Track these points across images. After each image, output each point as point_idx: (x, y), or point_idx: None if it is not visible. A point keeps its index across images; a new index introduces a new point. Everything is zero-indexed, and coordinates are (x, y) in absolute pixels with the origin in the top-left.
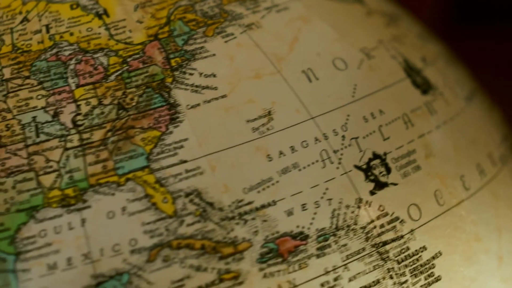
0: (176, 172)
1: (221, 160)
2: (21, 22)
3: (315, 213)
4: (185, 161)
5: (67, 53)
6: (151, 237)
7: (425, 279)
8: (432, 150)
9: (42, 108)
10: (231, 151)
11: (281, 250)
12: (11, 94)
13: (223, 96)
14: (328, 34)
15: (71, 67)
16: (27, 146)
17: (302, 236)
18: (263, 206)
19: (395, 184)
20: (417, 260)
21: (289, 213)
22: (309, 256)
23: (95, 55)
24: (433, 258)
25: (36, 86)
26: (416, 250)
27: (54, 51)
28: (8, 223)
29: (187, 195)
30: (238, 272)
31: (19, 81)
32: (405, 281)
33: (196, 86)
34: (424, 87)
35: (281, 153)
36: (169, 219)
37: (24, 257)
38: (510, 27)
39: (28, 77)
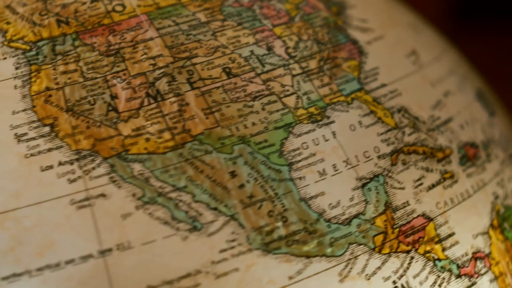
0: (383, 93)
1: (405, 85)
2: None
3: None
4: (385, 85)
5: (246, 0)
6: (388, 145)
7: None
8: None
9: (254, 43)
10: (406, 80)
11: (469, 155)
12: (218, 34)
13: (381, 37)
14: None
15: (258, 11)
16: (258, 74)
17: (475, 145)
18: (446, 121)
19: None
20: None
21: (461, 127)
22: (483, 161)
23: (271, 2)
24: None
25: (237, 26)
26: None
27: None
28: (271, 139)
29: (399, 111)
30: (452, 172)
31: (218, 23)
32: None
33: (360, 28)
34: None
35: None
36: (394, 130)
37: (296, 167)
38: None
39: (224, 20)
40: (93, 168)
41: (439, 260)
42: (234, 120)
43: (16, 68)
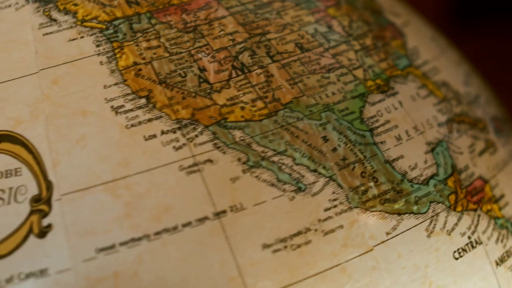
0: (427, 69)
1: (439, 64)
2: None
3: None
4: (426, 62)
5: None
6: (442, 114)
7: None
8: None
9: (315, 22)
10: (438, 59)
11: (497, 127)
12: (282, 13)
13: (408, 22)
14: None
15: None
16: (326, 49)
17: (499, 118)
18: (477, 97)
19: None
20: None
21: (487, 102)
22: (508, 133)
23: None
24: None
25: (295, 6)
26: None
27: None
28: (351, 107)
29: (443, 85)
30: (492, 141)
31: (279, 4)
32: None
33: (392, 12)
34: None
35: None
36: (444, 102)
37: (376, 132)
38: (510, 23)
39: (283, 0)
40: (196, 136)
41: (498, 218)
42: (316, 90)
43: (97, 46)
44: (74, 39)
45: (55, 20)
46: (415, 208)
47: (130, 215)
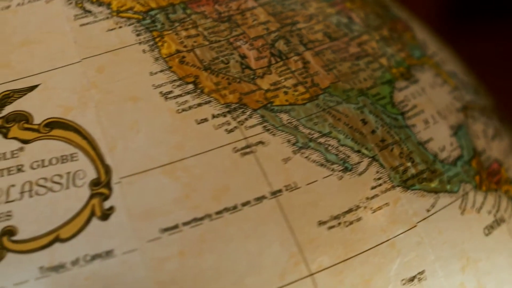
0: (438, 60)
1: (444, 56)
2: None
3: None
4: (436, 53)
5: None
6: (457, 101)
7: None
8: None
9: (336, 13)
10: (442, 52)
11: (500, 116)
12: (306, 4)
13: (410, 17)
14: None
15: None
16: (351, 39)
17: (498, 108)
18: (478, 85)
19: None
20: None
21: (486, 92)
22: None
23: None
24: None
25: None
26: None
27: None
28: (382, 92)
29: (453, 75)
30: (498, 128)
31: None
32: None
33: (396, 7)
34: None
35: None
36: (456, 90)
37: (407, 116)
38: (507, 24)
39: None
40: (246, 119)
41: None
42: (349, 76)
43: (137, 35)
44: (112, 29)
45: (89, 11)
46: (448, 187)
47: (190, 196)
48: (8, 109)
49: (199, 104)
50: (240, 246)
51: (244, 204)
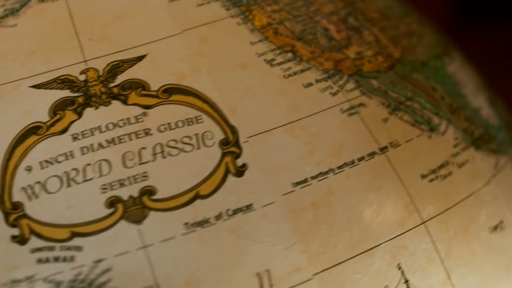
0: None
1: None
2: None
3: None
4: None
5: None
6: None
7: None
8: None
9: None
10: None
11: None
12: None
13: None
14: None
15: None
16: (399, 19)
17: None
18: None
19: None
20: None
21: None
22: None
23: None
24: None
25: None
26: None
27: None
28: (437, 65)
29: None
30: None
31: None
32: None
33: None
34: None
35: None
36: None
37: (460, 85)
38: None
39: None
40: (344, 84)
41: None
42: (410, 50)
43: (227, 10)
44: (202, 4)
45: None
46: (503, 149)
47: (313, 153)
48: (121, 78)
49: (302, 70)
50: (363, 197)
51: (360, 159)
